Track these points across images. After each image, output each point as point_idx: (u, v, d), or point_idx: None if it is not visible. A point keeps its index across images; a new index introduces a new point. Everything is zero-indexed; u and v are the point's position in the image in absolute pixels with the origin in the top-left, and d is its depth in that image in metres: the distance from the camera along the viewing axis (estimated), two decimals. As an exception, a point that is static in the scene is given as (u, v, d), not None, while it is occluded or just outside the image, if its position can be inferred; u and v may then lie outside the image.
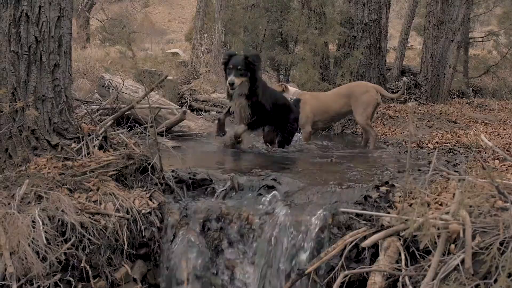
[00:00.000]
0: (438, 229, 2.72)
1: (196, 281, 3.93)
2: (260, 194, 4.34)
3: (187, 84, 13.86)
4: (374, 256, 3.45)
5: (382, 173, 4.80)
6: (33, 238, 3.33)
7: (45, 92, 4.53)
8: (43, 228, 3.40)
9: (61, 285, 3.59)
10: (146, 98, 5.25)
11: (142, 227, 4.00)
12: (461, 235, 2.65)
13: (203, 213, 4.09)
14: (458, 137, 7.14)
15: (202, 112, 10.32)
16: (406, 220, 3.27)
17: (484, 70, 12.54)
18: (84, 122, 5.06)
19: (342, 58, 8.93)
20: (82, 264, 3.66)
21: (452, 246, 2.70)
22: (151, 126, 4.57)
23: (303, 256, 3.70)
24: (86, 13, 26.75)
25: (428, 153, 6.29)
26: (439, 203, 3.34)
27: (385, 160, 5.88)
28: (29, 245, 3.28)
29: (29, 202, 3.69)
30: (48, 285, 3.54)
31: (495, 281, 2.27)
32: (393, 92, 10.37)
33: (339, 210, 3.65)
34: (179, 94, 11.02)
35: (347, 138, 8.33)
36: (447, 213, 2.84)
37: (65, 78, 4.67)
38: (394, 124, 8.56)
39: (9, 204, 3.55)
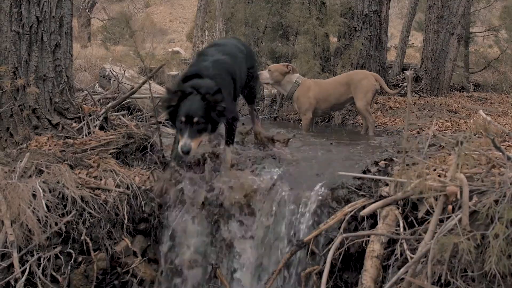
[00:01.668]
0: (436, 191, 2.74)
1: (196, 256, 3.95)
2: (261, 172, 4.35)
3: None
4: (373, 227, 3.46)
5: (381, 153, 4.81)
6: (34, 208, 3.35)
7: (46, 72, 4.56)
8: (44, 196, 3.42)
9: (62, 257, 3.62)
10: (147, 86, 5.28)
11: (142, 203, 4.02)
12: (459, 196, 2.67)
13: (203, 191, 4.09)
14: (458, 125, 7.16)
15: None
16: (406, 190, 3.30)
17: (485, 65, 12.56)
18: (85, 104, 5.09)
19: (343, 49, 8.96)
20: (82, 237, 3.69)
21: (450, 207, 2.72)
22: (152, 103, 4.59)
23: (303, 230, 3.71)
24: (88, 12, 26.81)
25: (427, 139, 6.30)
26: (438, 174, 3.35)
27: (384, 144, 5.89)
28: (31, 212, 3.30)
29: (30, 176, 3.71)
30: (48, 256, 3.56)
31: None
32: (393, 86, 10.41)
33: (337, 174, 3.66)
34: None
35: (347, 128, 8.35)
36: (445, 177, 2.86)
37: (66, 58, 4.70)
38: (395, 114, 8.57)
39: (10, 176, 3.57)
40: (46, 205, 3.46)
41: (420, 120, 7.70)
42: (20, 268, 3.32)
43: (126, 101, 6.57)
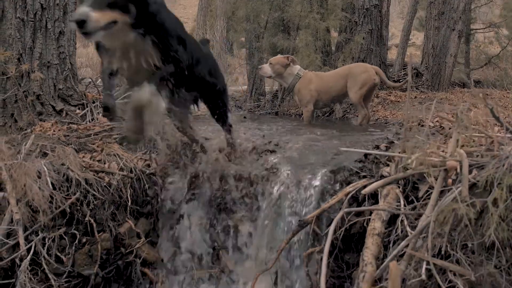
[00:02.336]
0: (436, 167, 2.78)
1: (200, 240, 3.99)
2: (262, 157, 4.39)
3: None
4: (374, 207, 3.50)
5: (383, 139, 4.85)
6: (39, 186, 3.39)
7: (50, 59, 4.61)
8: (49, 175, 3.46)
9: (66, 238, 3.66)
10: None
11: (146, 186, 4.06)
12: (459, 171, 2.70)
13: (206, 174, 4.13)
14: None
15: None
16: (406, 168, 3.35)
17: (486, 61, 12.60)
18: (89, 92, 5.14)
19: (344, 43, 9.00)
20: (86, 219, 3.73)
21: (450, 181, 2.76)
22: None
23: (304, 212, 3.75)
24: (89, 12, 26.73)
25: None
26: (438, 149, 3.38)
27: (385, 133, 5.93)
28: (37, 188, 3.34)
29: (35, 157, 3.75)
30: (53, 237, 3.60)
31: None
32: (394, 81, 10.44)
33: (340, 150, 3.69)
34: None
35: (348, 122, 8.39)
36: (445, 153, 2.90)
37: (69, 46, 4.75)
38: (395, 108, 8.61)
39: (15, 157, 3.61)
40: (52, 183, 3.50)
41: (420, 113, 7.73)
42: (26, 244, 3.35)
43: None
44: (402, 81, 10.41)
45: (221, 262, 3.90)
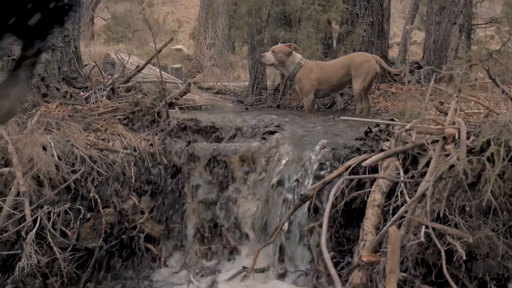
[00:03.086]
0: (435, 134, 2.83)
1: (202, 216, 4.04)
2: (264, 139, 4.44)
3: (192, 78, 14.01)
4: (374, 182, 3.55)
5: (382, 118, 4.90)
6: (45, 157, 3.45)
7: (55, 42, 4.67)
8: (54, 146, 3.52)
9: (71, 214, 3.71)
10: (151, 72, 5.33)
11: (149, 165, 4.11)
12: (457, 137, 2.75)
13: (209, 152, 4.19)
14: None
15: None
16: (406, 142, 3.40)
17: (487, 57, 12.63)
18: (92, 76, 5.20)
19: (345, 35, 9.05)
20: (91, 194, 3.78)
21: (449, 147, 2.81)
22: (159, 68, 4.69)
23: (306, 188, 3.80)
24: (91, 11, 26.91)
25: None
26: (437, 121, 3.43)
27: (385, 119, 5.98)
28: (43, 156, 3.40)
29: (41, 134, 3.81)
30: (58, 212, 3.66)
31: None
32: (395, 75, 10.47)
33: (341, 118, 3.74)
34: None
35: (349, 113, 8.43)
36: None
37: (74, 30, 4.82)
38: (396, 99, 8.66)
39: (21, 132, 3.67)
40: (58, 156, 3.56)
41: (422, 103, 7.77)
42: (32, 216, 3.41)
43: (131, 83, 6.68)
44: (403, 77, 10.47)
45: (223, 238, 3.95)
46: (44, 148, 3.57)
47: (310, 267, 3.60)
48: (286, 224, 3.69)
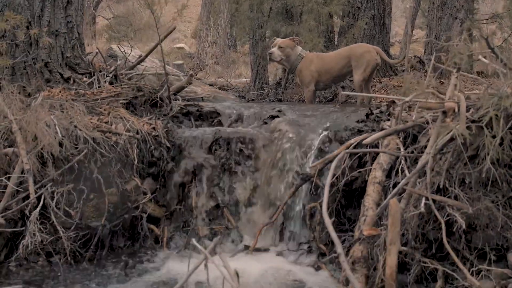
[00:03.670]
0: (435, 109, 2.86)
1: (204, 198, 4.06)
2: (266, 123, 4.48)
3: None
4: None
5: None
6: (49, 140, 3.48)
7: (58, 27, 4.70)
8: (58, 123, 3.55)
9: (74, 194, 3.74)
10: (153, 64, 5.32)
11: (152, 147, 4.14)
12: (456, 110, 2.78)
13: (211, 135, 4.22)
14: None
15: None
16: (406, 121, 3.43)
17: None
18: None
19: (347, 28, 9.08)
20: (94, 175, 3.81)
21: (448, 120, 2.83)
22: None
23: (307, 167, 3.83)
24: (93, 10, 26.97)
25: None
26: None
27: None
28: (47, 134, 3.43)
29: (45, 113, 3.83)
30: (62, 192, 3.69)
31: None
32: (396, 70, 10.48)
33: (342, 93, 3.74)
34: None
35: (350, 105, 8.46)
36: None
37: (77, 15, 4.85)
38: (398, 92, 8.67)
39: (25, 112, 3.70)
40: (61, 134, 3.59)
41: (423, 95, 7.79)
42: (36, 194, 3.44)
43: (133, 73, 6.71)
44: (405, 73, 10.48)
45: (225, 219, 3.97)
46: (48, 127, 3.60)
47: (311, 246, 3.63)
48: (288, 204, 3.72)
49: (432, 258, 2.89)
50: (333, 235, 2.12)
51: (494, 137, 2.41)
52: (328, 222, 2.21)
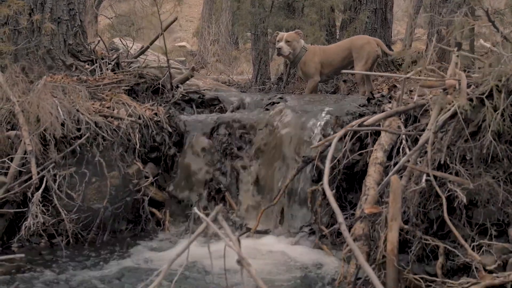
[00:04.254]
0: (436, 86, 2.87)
1: (205, 182, 4.08)
2: (267, 110, 4.48)
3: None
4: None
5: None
6: (52, 120, 3.49)
7: (60, 14, 4.72)
8: (60, 105, 3.56)
9: (76, 177, 3.75)
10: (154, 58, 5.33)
11: (154, 132, 4.15)
12: (457, 87, 2.78)
13: (212, 121, 4.23)
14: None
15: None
16: (407, 103, 3.43)
17: (489, 48, 12.63)
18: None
19: (348, 22, 9.08)
20: (96, 159, 3.82)
21: (449, 96, 2.83)
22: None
23: (308, 151, 3.83)
24: (95, 9, 27.00)
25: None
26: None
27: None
28: (50, 114, 3.44)
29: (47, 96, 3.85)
30: (64, 175, 3.70)
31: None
32: (398, 65, 10.48)
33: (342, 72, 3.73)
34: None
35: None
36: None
37: (79, 3, 4.86)
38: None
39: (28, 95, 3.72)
40: (63, 117, 3.61)
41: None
42: (38, 174, 3.46)
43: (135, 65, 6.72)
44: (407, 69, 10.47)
45: (227, 203, 3.98)
46: (51, 108, 3.61)
47: (313, 228, 3.63)
48: (289, 186, 3.73)
49: (433, 237, 2.89)
50: (334, 205, 2.13)
51: (495, 110, 2.42)
52: (330, 194, 2.22)
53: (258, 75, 10.40)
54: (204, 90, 8.11)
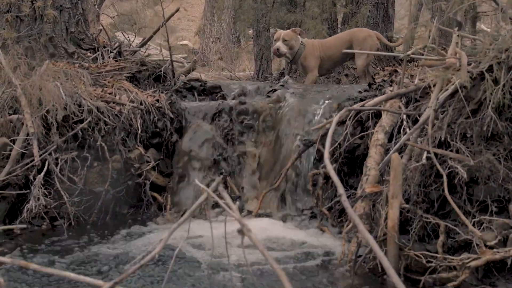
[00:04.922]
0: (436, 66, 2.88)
1: (208, 168, 4.08)
2: (268, 96, 4.49)
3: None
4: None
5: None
6: (54, 100, 3.51)
7: (62, 2, 4.74)
8: (62, 87, 3.57)
9: (78, 162, 3.77)
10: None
11: (156, 118, 4.16)
12: (458, 65, 2.79)
13: (214, 107, 4.24)
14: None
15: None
16: (408, 86, 3.44)
17: (491, 44, 12.62)
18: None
19: (350, 16, 9.09)
20: (98, 143, 3.84)
21: (450, 75, 2.84)
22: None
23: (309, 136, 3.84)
24: (97, 8, 27.07)
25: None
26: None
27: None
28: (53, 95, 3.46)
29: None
30: (66, 159, 3.72)
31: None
32: (400, 60, 10.47)
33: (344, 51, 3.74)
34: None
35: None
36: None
37: (81, -9, 4.88)
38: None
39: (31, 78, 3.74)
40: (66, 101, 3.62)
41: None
42: (40, 157, 3.47)
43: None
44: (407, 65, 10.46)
45: (228, 187, 3.98)
46: (54, 91, 3.63)
47: (314, 211, 3.64)
48: (290, 170, 3.73)
49: (434, 216, 2.89)
50: (335, 179, 2.13)
51: (496, 84, 2.43)
52: (330, 167, 2.22)
53: (260, 70, 10.39)
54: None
